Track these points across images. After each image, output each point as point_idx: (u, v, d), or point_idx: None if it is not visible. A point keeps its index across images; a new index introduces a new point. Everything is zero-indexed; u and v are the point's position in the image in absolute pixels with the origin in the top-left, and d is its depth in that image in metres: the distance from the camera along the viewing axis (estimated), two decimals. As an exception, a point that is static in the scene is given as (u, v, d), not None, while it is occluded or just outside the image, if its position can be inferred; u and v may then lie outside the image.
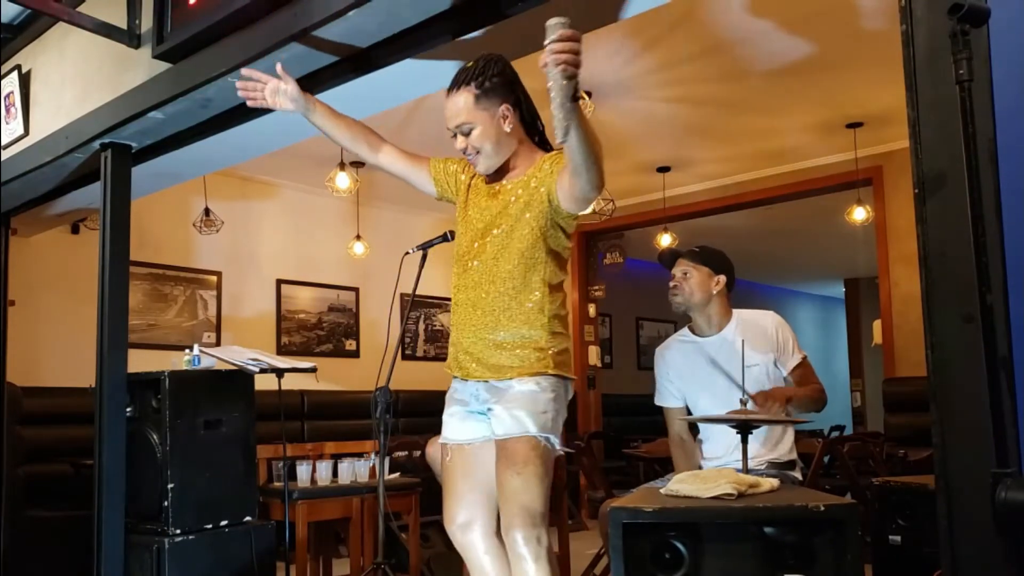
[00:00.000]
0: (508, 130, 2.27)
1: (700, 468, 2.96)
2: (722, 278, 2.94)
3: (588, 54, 4.30)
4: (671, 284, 2.97)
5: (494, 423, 2.24)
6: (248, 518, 3.34)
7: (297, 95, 2.41)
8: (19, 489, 4.31)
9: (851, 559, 1.83)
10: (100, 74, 3.48)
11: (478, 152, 2.28)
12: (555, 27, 1.79)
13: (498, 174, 2.35)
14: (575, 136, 1.95)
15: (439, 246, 3.37)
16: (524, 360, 2.24)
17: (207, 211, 5.76)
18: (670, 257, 3.02)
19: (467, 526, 2.33)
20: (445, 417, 2.41)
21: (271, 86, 2.43)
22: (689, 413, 3.01)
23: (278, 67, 2.42)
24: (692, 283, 2.93)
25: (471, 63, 2.27)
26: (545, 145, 2.38)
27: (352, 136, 2.50)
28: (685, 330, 3.06)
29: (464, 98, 2.24)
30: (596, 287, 7.92)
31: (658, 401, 3.06)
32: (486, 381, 2.29)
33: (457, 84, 2.25)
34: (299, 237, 6.60)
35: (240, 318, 6.32)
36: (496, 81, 2.24)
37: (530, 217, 2.27)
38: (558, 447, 2.28)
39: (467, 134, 2.26)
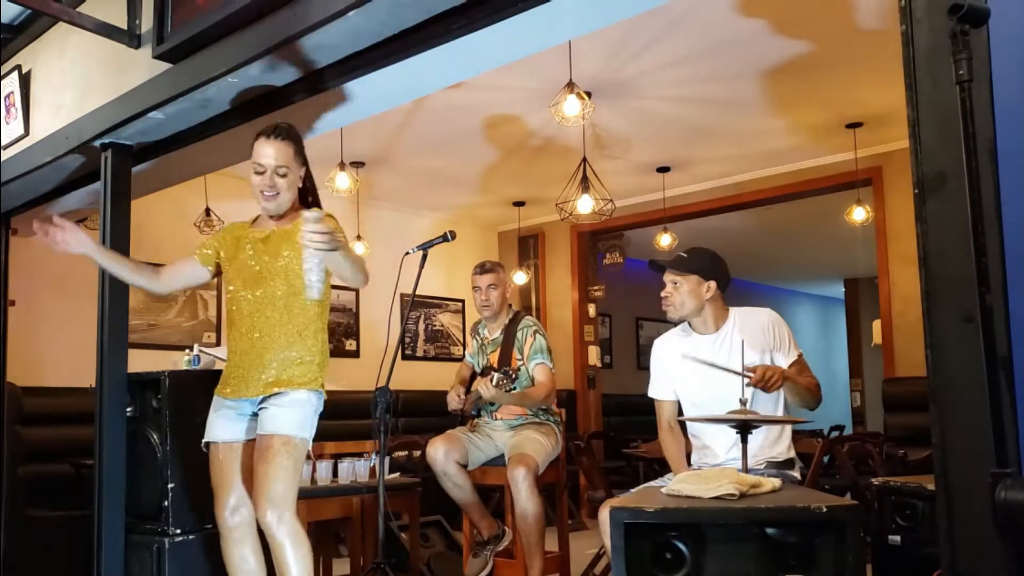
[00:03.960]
0: (299, 186, 2.80)
1: (690, 459, 2.98)
2: (712, 284, 2.92)
3: (588, 54, 4.32)
4: (662, 295, 2.97)
5: None
6: (248, 518, 3.33)
7: (87, 240, 2.83)
8: (19, 489, 4.31)
9: (852, 560, 1.83)
10: (100, 74, 3.48)
11: (277, 194, 2.73)
12: (309, 218, 2.36)
13: (268, 220, 2.83)
14: (345, 270, 2.62)
15: (439, 246, 3.38)
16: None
17: (208, 211, 5.76)
18: (659, 268, 3.01)
19: None
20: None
21: (65, 235, 2.77)
22: (680, 407, 3.02)
23: (57, 220, 2.78)
24: (682, 293, 2.92)
25: (282, 124, 2.77)
26: (306, 204, 2.84)
27: (136, 269, 2.94)
28: (685, 324, 3.06)
29: (289, 148, 2.72)
30: (596, 287, 7.93)
31: (651, 393, 3.07)
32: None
33: (280, 135, 2.72)
34: (299, 237, 6.59)
35: (240, 318, 6.32)
36: (302, 147, 2.80)
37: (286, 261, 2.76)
38: None
39: (282, 176, 2.72)
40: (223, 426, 2.81)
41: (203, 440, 2.83)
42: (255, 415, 2.78)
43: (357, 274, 2.67)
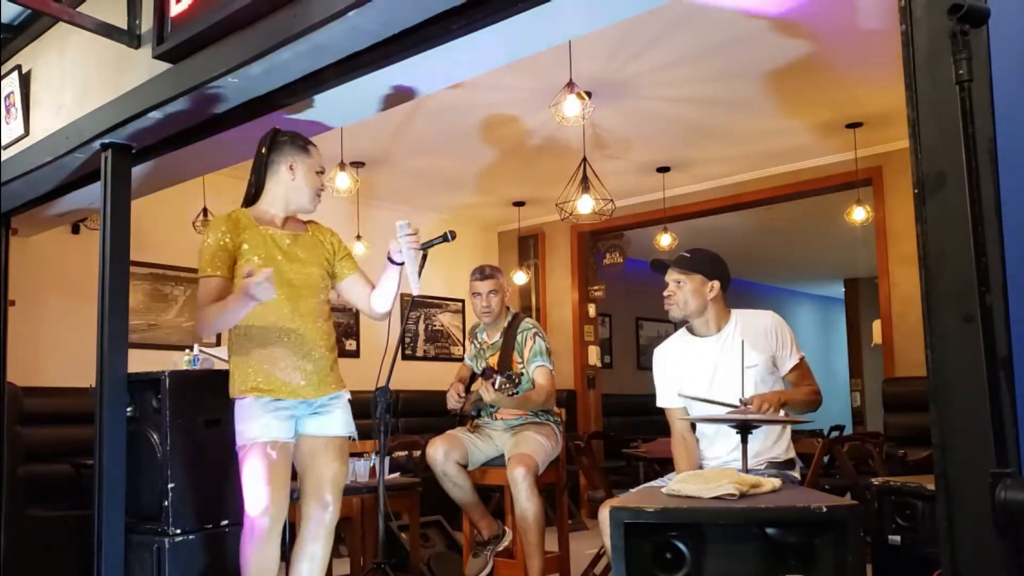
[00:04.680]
0: None
1: (700, 467, 2.97)
2: (716, 283, 2.93)
3: (588, 54, 4.33)
4: (665, 295, 2.97)
5: None
6: (248, 518, 3.33)
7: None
8: (19, 489, 4.31)
9: (852, 560, 1.83)
10: (100, 74, 3.48)
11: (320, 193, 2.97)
12: (404, 227, 2.86)
13: (286, 220, 2.95)
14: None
15: (439, 246, 3.37)
16: None
17: (205, 211, 5.76)
18: (661, 266, 3.01)
19: None
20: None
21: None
22: (687, 412, 3.01)
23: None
24: (685, 292, 2.92)
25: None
26: None
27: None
28: (683, 330, 3.06)
29: None
30: (596, 287, 7.92)
31: (660, 403, 3.06)
32: None
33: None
34: (299, 237, 6.58)
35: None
36: None
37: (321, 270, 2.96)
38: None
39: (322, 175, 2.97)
40: (281, 427, 2.80)
41: (263, 440, 2.75)
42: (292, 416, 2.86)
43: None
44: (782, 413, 2.84)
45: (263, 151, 2.90)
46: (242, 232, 2.84)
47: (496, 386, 3.37)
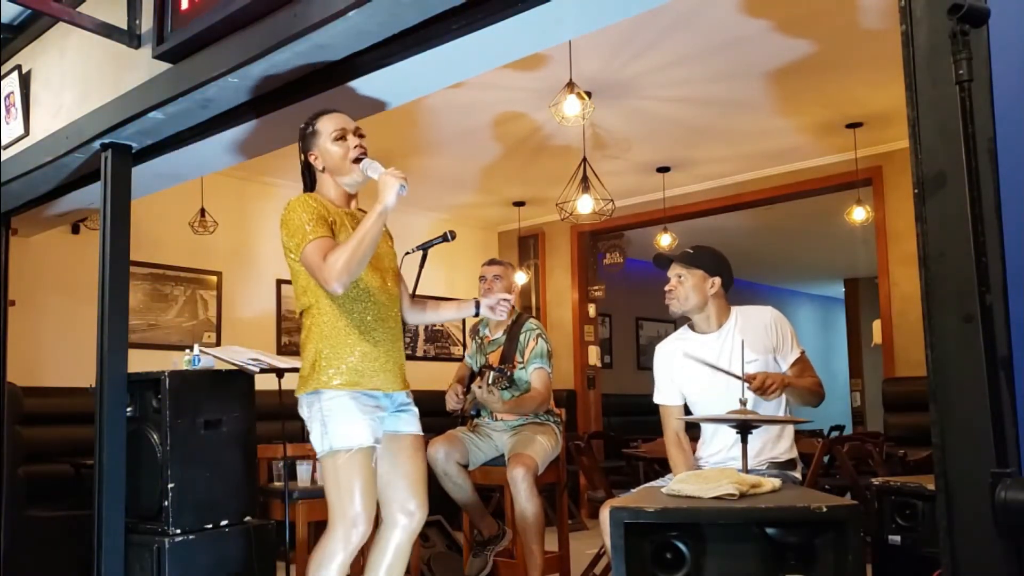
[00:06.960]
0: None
1: (697, 467, 2.97)
2: (717, 280, 2.93)
3: (588, 54, 4.32)
4: (666, 289, 2.97)
5: None
6: (248, 518, 3.34)
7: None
8: (19, 489, 4.31)
9: (852, 560, 1.83)
10: (100, 74, 3.48)
11: (366, 152, 2.66)
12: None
13: (349, 199, 2.72)
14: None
15: (439, 246, 3.37)
16: None
17: (203, 211, 5.76)
18: (664, 261, 3.02)
19: None
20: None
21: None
22: (687, 411, 3.02)
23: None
24: (687, 287, 2.93)
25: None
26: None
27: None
28: (685, 328, 3.06)
29: None
30: (596, 287, 7.93)
31: (657, 399, 3.06)
32: None
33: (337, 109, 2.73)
34: (299, 237, 6.57)
35: (240, 318, 6.33)
36: None
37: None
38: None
39: (363, 136, 2.68)
40: (378, 430, 2.56)
41: (367, 445, 2.50)
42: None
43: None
44: (783, 402, 2.84)
45: (300, 155, 2.71)
46: (328, 210, 2.61)
47: (489, 380, 3.36)
